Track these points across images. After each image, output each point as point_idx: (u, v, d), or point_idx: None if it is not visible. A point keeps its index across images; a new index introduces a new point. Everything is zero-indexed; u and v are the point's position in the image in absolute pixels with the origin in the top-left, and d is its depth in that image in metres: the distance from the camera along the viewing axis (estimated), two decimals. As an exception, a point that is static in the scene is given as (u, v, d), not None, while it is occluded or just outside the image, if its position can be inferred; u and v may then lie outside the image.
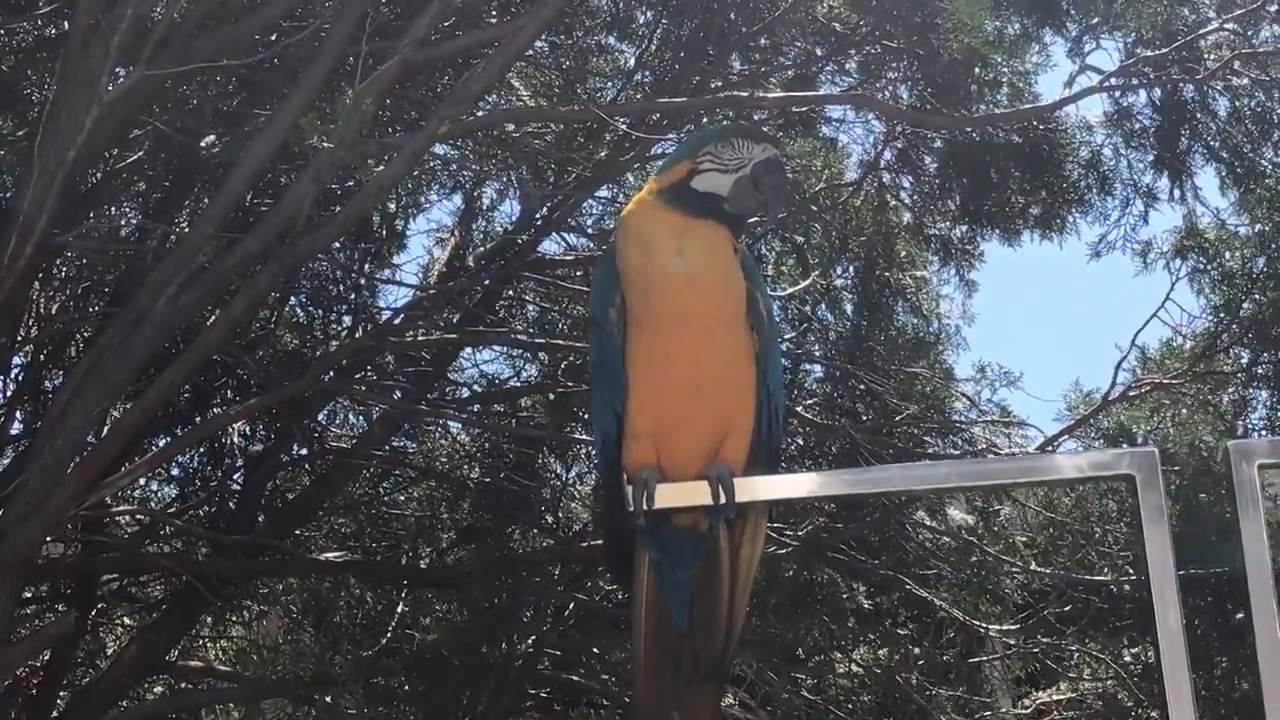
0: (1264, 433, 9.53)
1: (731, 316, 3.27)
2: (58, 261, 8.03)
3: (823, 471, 6.54)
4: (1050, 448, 9.21)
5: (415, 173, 8.92)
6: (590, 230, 9.73)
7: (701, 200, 3.29)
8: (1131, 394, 9.55)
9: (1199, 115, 9.65)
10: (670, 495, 3.09)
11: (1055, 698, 10.07)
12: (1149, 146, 9.80)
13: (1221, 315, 9.48)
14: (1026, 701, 10.43)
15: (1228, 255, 9.45)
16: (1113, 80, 9.00)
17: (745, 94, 8.25)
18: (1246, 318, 9.37)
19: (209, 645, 10.46)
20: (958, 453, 9.19)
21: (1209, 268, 9.49)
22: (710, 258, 3.23)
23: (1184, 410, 9.51)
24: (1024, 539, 9.34)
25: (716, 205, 3.29)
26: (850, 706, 9.15)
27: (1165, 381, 9.46)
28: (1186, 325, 9.62)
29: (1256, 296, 9.34)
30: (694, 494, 3.08)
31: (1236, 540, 2.57)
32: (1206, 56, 9.13)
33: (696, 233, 3.22)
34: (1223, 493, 8.33)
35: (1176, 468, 8.54)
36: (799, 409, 8.75)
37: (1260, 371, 9.48)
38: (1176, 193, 9.84)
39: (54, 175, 5.82)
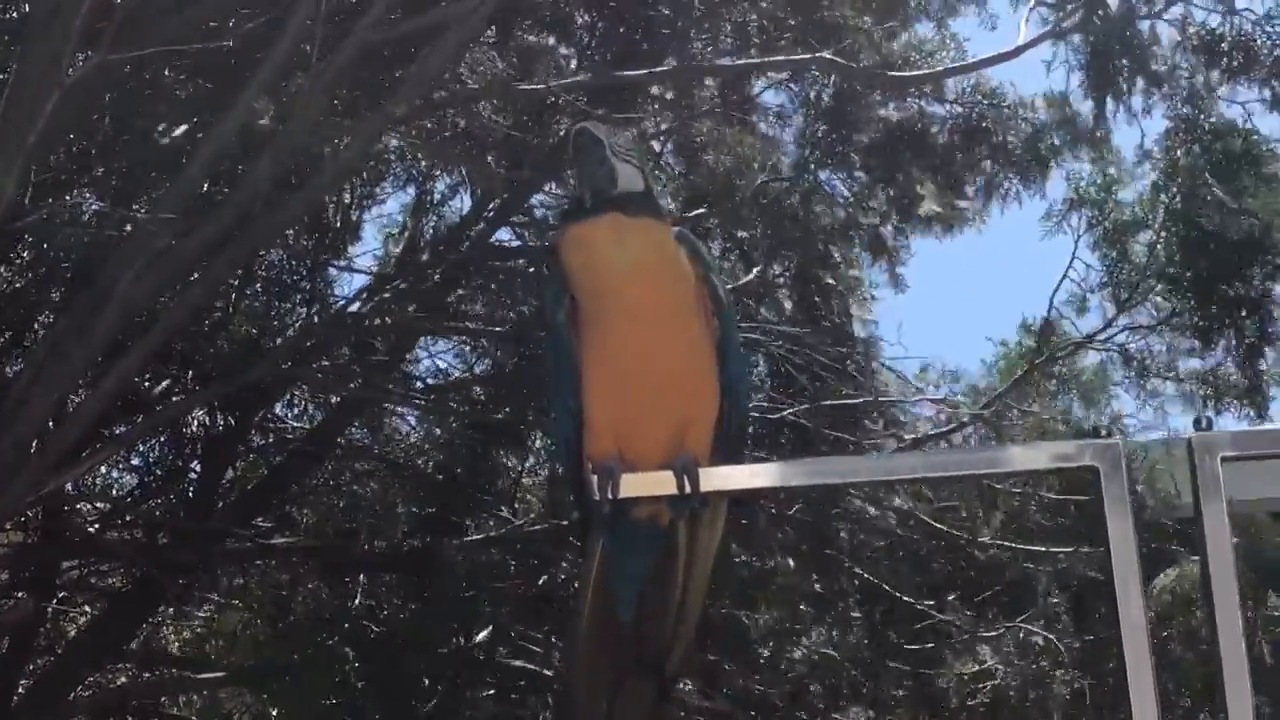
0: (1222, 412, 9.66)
1: (682, 305, 3.24)
2: (18, 246, 7.98)
3: (788, 461, 6.56)
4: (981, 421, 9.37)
5: (370, 164, 8.90)
6: (540, 222, 9.71)
7: (583, 203, 3.29)
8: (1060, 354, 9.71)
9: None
10: (635, 485, 3.07)
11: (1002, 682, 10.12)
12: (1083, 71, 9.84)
13: (1119, 266, 9.60)
14: (980, 684, 10.49)
15: (1115, 205, 9.60)
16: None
17: (694, 63, 8.31)
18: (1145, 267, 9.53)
19: (169, 633, 10.44)
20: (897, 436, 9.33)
21: (1101, 221, 9.61)
22: (649, 248, 3.21)
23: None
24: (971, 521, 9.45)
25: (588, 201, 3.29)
26: (804, 692, 9.23)
27: (1084, 343, 9.63)
28: (1089, 281, 9.81)
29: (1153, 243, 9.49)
30: (659, 484, 3.06)
31: (1199, 534, 2.58)
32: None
33: (632, 227, 3.20)
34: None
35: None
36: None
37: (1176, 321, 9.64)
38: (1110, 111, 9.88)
39: (14, 159, 5.78)
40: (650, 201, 3.35)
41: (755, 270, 9.24)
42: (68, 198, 7.87)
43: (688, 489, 3.03)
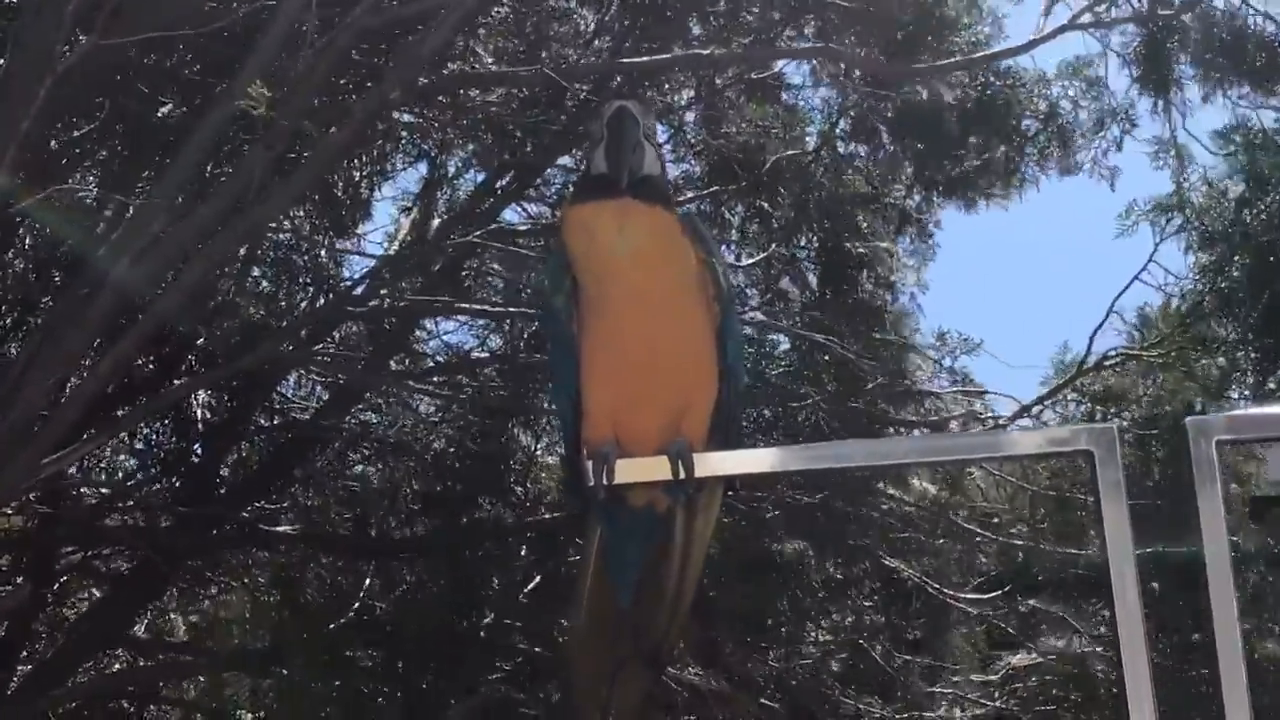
0: (1248, 398, 9.53)
1: (683, 291, 3.22)
2: (16, 230, 7.96)
3: (783, 446, 6.54)
4: (1028, 415, 9.27)
5: (380, 141, 8.87)
6: (551, 199, 9.66)
7: (599, 181, 3.26)
8: (1110, 361, 9.54)
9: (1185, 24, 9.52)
10: (630, 470, 3.06)
11: (1024, 663, 10.12)
12: (1133, 64, 9.69)
13: (1209, 276, 9.44)
14: (996, 666, 10.49)
15: (1212, 215, 9.41)
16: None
17: (705, 51, 8.26)
18: (1230, 282, 9.34)
19: (171, 618, 10.44)
20: (920, 420, 9.24)
21: (1194, 226, 9.43)
22: (653, 234, 3.17)
23: (1169, 377, 9.50)
24: (992, 508, 9.40)
25: (608, 181, 3.23)
26: (818, 677, 9.21)
27: (1138, 353, 9.48)
28: (1173, 286, 9.64)
29: (1238, 259, 9.29)
30: (654, 469, 3.04)
31: (1195, 519, 2.56)
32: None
33: (635, 212, 3.16)
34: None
35: (1155, 430, 8.55)
36: (765, 376, 8.76)
37: (1248, 336, 9.44)
38: (1160, 107, 9.73)
39: (8, 144, 5.76)
40: (661, 186, 3.33)
41: (774, 245, 9.20)
42: (67, 182, 7.86)
43: (683, 474, 3.01)
